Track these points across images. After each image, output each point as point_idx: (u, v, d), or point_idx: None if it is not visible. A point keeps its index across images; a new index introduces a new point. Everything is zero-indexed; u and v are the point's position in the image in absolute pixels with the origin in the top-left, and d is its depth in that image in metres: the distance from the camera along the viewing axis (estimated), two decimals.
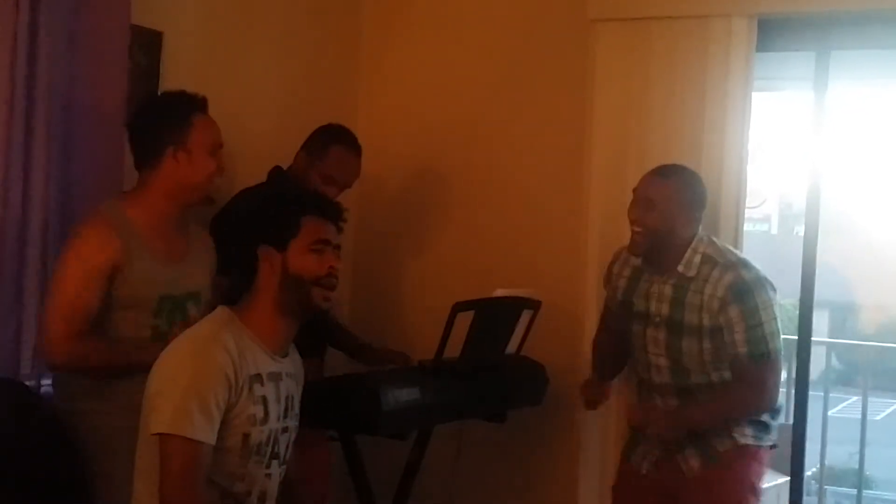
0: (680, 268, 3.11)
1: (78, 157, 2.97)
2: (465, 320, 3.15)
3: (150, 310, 2.71)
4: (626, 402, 3.37)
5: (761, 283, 3.08)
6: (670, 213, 3.10)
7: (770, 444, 3.19)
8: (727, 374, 3.10)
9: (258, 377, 2.45)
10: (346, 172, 3.47)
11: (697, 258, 3.12)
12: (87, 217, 2.71)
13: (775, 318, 3.08)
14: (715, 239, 3.21)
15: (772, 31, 3.60)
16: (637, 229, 3.13)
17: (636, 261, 3.23)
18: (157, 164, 2.73)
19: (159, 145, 2.72)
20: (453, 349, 3.17)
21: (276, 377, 2.50)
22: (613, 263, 3.35)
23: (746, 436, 3.11)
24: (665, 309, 3.13)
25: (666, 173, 3.17)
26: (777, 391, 3.12)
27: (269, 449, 2.48)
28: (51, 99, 2.84)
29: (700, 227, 3.17)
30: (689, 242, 3.13)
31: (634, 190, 3.17)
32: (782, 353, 3.12)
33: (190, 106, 2.77)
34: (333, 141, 3.46)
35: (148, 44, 3.27)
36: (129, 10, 3.06)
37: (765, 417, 3.16)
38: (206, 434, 2.32)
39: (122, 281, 2.65)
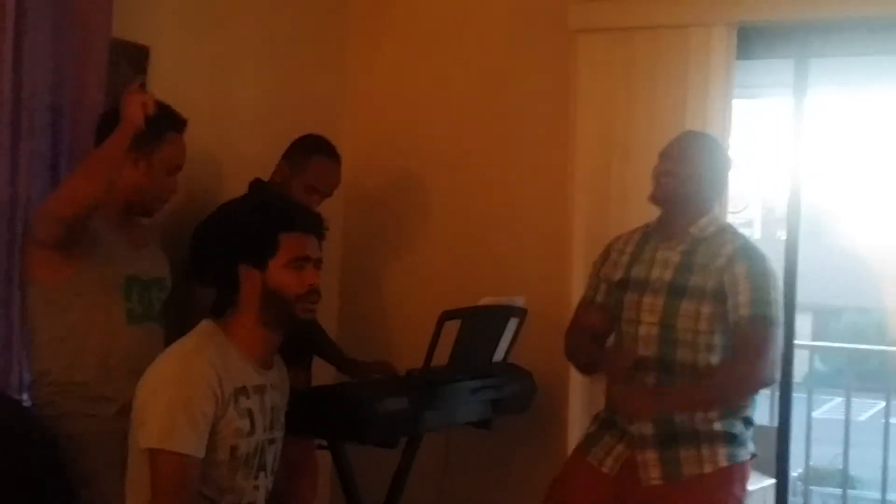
0: (693, 230, 3.07)
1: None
2: (452, 329, 3.18)
3: (120, 290, 2.73)
4: (607, 383, 3.15)
5: (768, 257, 3.04)
6: (702, 167, 3.09)
7: (749, 455, 3.03)
8: (714, 360, 2.97)
9: (243, 390, 2.47)
10: (327, 182, 3.52)
11: (712, 227, 3.10)
12: None
13: (779, 291, 2.99)
14: None
15: (751, 39, 3.65)
16: (665, 179, 3.08)
17: (641, 236, 3.17)
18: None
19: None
20: (441, 357, 3.19)
21: (260, 390, 2.52)
22: (610, 250, 3.25)
23: (719, 457, 2.95)
24: (668, 274, 3.04)
25: (699, 133, 3.26)
26: (777, 365, 2.96)
27: (257, 460, 2.50)
28: (35, 110, 2.82)
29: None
30: (706, 212, 3.11)
31: (662, 153, 3.13)
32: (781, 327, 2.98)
33: (168, 122, 2.80)
34: (314, 152, 3.50)
35: (135, 58, 3.27)
36: (110, 25, 3.04)
37: (738, 430, 2.99)
38: (195, 447, 2.34)
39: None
